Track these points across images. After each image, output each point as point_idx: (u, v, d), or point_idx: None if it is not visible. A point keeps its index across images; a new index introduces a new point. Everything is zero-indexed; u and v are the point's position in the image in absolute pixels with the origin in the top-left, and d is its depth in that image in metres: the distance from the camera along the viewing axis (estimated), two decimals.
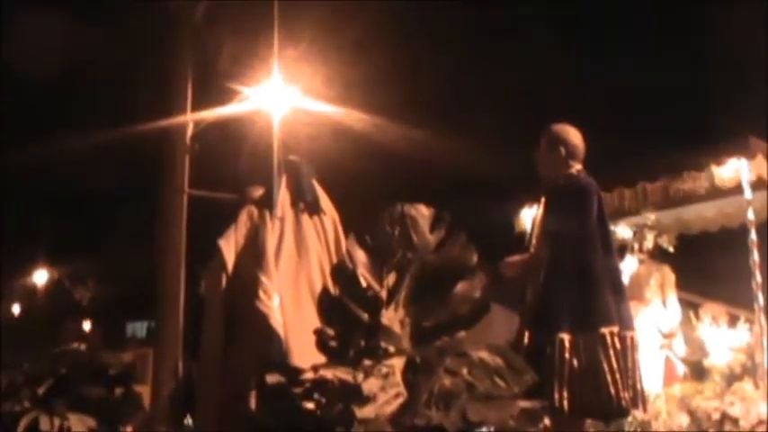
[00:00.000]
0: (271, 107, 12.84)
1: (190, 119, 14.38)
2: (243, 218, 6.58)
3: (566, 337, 5.97)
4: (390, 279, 4.89)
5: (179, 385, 7.82)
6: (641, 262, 11.21)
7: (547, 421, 5.89)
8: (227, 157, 13.25)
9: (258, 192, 6.72)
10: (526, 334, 6.18)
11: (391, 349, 4.68)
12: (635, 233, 11.29)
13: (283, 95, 13.01)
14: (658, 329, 10.61)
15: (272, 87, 13.07)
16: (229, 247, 6.45)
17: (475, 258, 4.99)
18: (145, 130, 14.36)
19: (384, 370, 4.59)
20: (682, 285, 11.33)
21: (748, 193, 10.22)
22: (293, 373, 4.80)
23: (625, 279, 9.29)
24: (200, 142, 14.36)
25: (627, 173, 10.98)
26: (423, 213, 5.05)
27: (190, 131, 14.39)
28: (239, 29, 14.21)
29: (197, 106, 14.46)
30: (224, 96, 13.97)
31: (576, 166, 6.47)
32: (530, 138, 6.73)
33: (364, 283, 4.88)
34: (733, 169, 10.37)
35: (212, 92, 14.43)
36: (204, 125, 14.40)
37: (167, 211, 14.33)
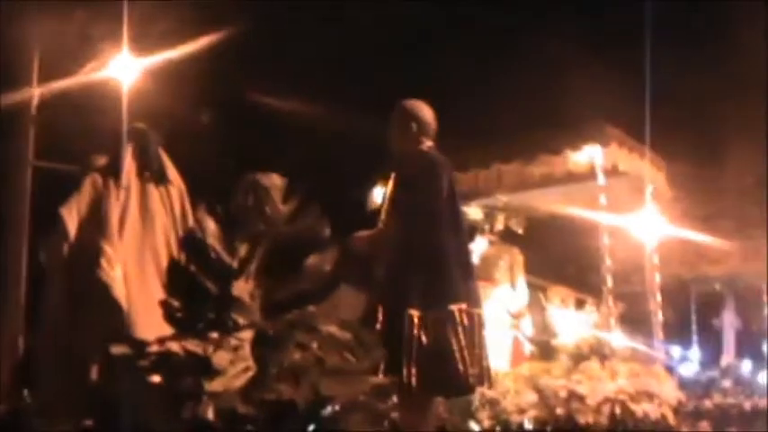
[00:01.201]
0: (119, 75, 12.57)
1: (36, 89, 13.98)
2: (86, 187, 6.39)
3: (415, 313, 5.92)
4: (242, 250, 4.77)
5: (19, 359, 7.61)
6: (491, 243, 11.32)
7: (395, 398, 5.88)
8: (74, 127, 12.90)
9: (102, 160, 6.53)
10: (376, 310, 6.12)
11: (241, 321, 4.57)
12: (486, 214, 11.37)
13: (132, 64, 12.75)
14: (507, 310, 10.73)
15: (121, 55, 12.79)
16: (72, 215, 6.25)
17: (328, 231, 4.90)
18: None
19: (233, 342, 4.48)
20: (530, 269, 11.47)
21: (601, 180, 10.40)
22: (138, 345, 4.65)
23: (475, 260, 9.36)
24: (47, 112, 13.98)
25: (483, 154, 11.02)
26: (276, 183, 4.95)
27: (35, 102, 14.00)
28: None
29: (44, 77, 14.06)
30: (73, 66, 13.62)
31: (428, 143, 6.40)
32: (387, 113, 6.64)
33: (214, 254, 4.75)
34: (587, 155, 10.55)
35: (60, 62, 14.05)
36: (50, 96, 14.02)
37: (10, 182, 13.92)
